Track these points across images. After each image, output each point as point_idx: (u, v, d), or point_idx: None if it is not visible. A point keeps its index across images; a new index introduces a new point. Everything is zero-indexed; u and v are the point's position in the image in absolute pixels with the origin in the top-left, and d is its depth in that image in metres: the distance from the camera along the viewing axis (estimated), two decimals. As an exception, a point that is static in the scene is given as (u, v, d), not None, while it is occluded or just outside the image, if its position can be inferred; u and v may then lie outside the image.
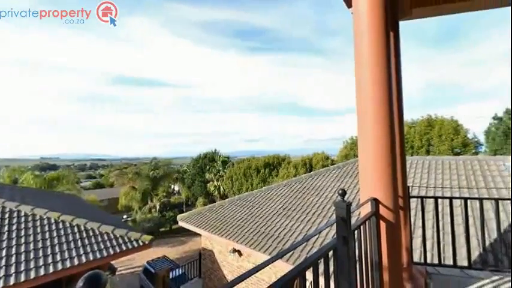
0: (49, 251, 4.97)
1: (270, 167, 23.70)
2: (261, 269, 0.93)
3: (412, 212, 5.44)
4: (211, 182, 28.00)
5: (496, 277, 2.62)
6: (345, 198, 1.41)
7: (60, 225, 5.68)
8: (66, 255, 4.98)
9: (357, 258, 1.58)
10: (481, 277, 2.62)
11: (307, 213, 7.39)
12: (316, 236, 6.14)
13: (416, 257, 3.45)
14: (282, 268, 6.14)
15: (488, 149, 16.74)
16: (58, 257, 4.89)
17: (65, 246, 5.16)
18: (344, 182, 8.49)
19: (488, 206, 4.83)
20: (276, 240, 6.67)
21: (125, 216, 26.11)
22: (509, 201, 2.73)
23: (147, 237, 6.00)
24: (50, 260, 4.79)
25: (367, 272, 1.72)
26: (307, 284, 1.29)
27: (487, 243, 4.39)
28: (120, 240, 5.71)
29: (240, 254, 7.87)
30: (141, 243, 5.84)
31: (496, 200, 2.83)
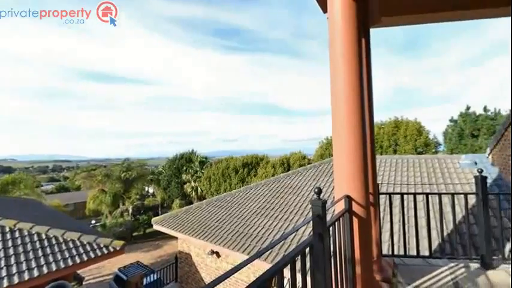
0: (3, 263, 4.46)
1: (249, 167, 23.73)
2: (239, 270, 0.93)
3: (381, 208, 5.82)
4: (188, 183, 27.25)
5: (452, 264, 2.91)
6: (321, 196, 1.46)
7: (17, 234, 5.13)
8: (24, 266, 4.51)
9: (331, 253, 1.65)
10: (440, 265, 2.89)
11: (285, 212, 7.53)
12: (294, 234, 6.29)
13: (384, 250, 3.70)
14: (260, 267, 6.19)
15: (446, 149, 18.49)
16: (14, 269, 4.41)
17: (22, 257, 4.67)
18: (320, 180, 8.80)
19: (446, 200, 5.34)
20: (254, 240, 6.70)
21: (93, 222, 24.41)
22: (462, 195, 3.04)
23: (118, 243, 5.66)
24: (4, 273, 4.30)
25: (341, 265, 1.80)
26: (285, 281, 1.31)
27: (445, 234, 4.85)
28: (88, 247, 5.32)
29: (218, 255, 7.77)
30: (111, 250, 5.49)
31: (452, 195, 3.14)
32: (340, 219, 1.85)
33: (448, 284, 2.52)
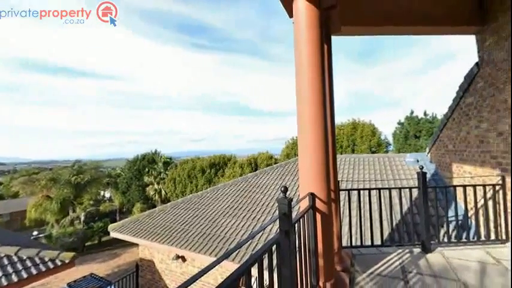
0: None
1: (216, 167, 23.34)
2: (206, 272, 0.91)
3: (341, 203, 6.26)
4: (150, 186, 25.64)
5: (400, 250, 3.28)
6: (287, 195, 1.51)
7: None
8: None
9: (297, 248, 1.72)
10: (390, 252, 3.24)
11: (253, 211, 7.60)
12: (261, 233, 6.38)
13: (344, 242, 3.98)
14: (228, 268, 6.13)
15: (394, 148, 20.78)
16: None
17: None
18: (286, 179, 9.09)
19: (395, 194, 5.99)
20: (222, 241, 6.61)
21: (35, 233, 21.33)
22: (407, 189, 3.45)
23: (67, 255, 5.05)
24: None
25: (306, 259, 1.89)
26: (253, 279, 1.32)
27: (394, 224, 5.43)
28: (28, 263, 4.63)
29: (183, 259, 7.48)
30: (58, 263, 4.87)
31: (400, 189, 3.54)
32: (305, 215, 1.93)
33: (396, 268, 2.84)
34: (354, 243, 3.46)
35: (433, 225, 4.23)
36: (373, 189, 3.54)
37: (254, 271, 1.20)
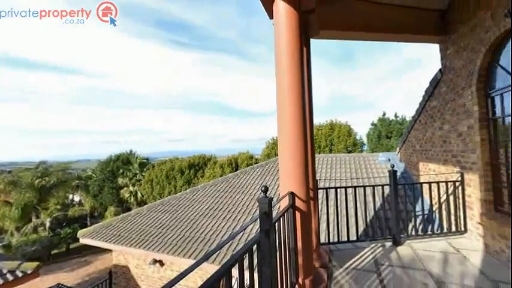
0: None
1: (195, 168, 22.86)
2: (185, 276, 0.88)
3: (320, 201, 6.45)
4: (125, 188, 24.41)
5: (373, 244, 3.46)
6: (267, 194, 1.53)
7: None
8: None
9: (277, 247, 1.74)
10: (364, 246, 3.41)
11: (234, 212, 7.55)
12: (242, 233, 6.37)
13: (322, 239, 4.12)
14: (208, 270, 6.03)
15: (368, 148, 21.92)
16: None
17: None
18: (267, 179, 9.16)
19: (369, 191, 6.30)
20: (201, 243, 6.49)
21: (-9, 242, 19.29)
22: (380, 187, 3.65)
23: (29, 265, 4.63)
24: None
25: (286, 257, 1.92)
26: (234, 280, 1.31)
27: (368, 220, 5.73)
28: (-17, 276, 4.17)
29: (161, 264, 7.22)
30: (19, 274, 4.45)
31: (373, 187, 3.74)
32: (285, 214, 1.97)
33: (370, 262, 2.99)
34: (331, 240, 3.59)
35: (402, 220, 4.51)
36: (349, 187, 3.70)
37: (235, 272, 1.19)
